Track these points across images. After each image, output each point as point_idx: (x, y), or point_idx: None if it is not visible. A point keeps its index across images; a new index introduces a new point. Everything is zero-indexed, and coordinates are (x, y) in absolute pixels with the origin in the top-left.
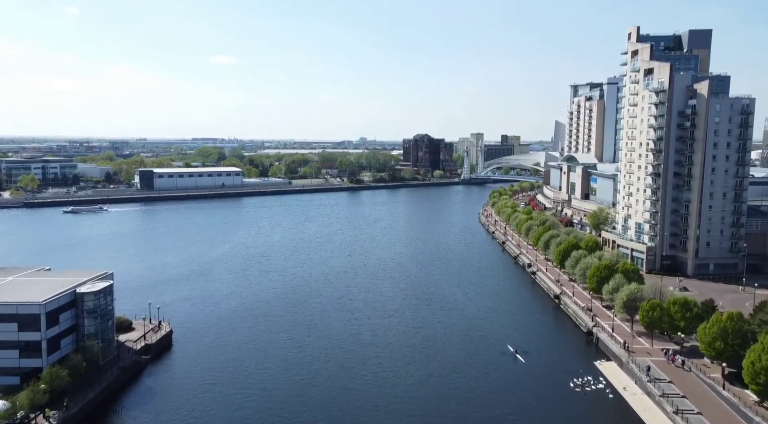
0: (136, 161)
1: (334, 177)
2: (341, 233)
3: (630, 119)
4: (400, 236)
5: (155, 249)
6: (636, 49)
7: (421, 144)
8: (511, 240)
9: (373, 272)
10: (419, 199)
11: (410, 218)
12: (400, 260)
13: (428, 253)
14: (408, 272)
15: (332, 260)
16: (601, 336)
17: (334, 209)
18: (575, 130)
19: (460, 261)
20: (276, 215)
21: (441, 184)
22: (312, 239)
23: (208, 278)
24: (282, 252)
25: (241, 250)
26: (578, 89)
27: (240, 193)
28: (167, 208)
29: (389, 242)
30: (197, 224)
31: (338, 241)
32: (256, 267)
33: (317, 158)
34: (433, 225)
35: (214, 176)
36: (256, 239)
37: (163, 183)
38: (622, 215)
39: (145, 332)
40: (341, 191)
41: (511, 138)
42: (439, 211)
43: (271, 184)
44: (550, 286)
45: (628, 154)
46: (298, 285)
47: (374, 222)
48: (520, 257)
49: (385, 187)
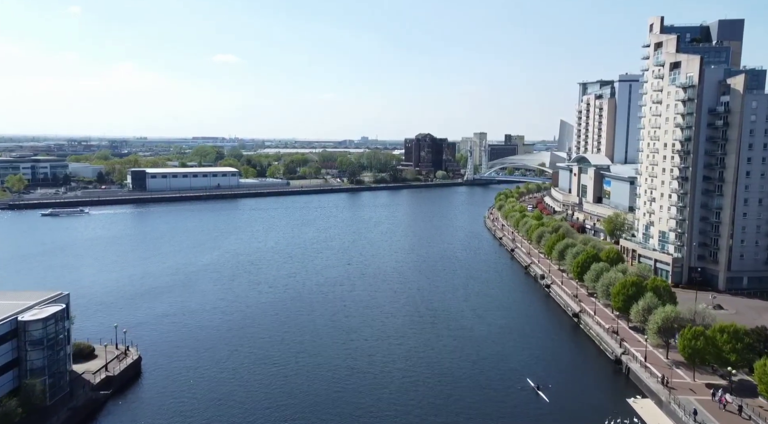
0: (130, 161)
1: (334, 177)
2: (339, 238)
3: (653, 118)
4: (401, 242)
5: (137, 256)
6: (660, 41)
7: (423, 144)
8: (520, 247)
9: (372, 283)
10: (421, 201)
11: (412, 222)
12: (401, 270)
13: (432, 261)
14: (410, 284)
15: (328, 269)
16: (632, 367)
17: (333, 212)
18: (584, 130)
19: (467, 271)
20: (272, 217)
21: (444, 185)
22: (308, 244)
23: (190, 290)
24: (275, 260)
25: (231, 257)
26: (587, 87)
27: (236, 195)
28: (159, 210)
29: (390, 248)
30: (187, 228)
31: (336, 247)
32: (245, 277)
33: (317, 158)
34: (436, 229)
35: (209, 177)
36: (249, 244)
37: (155, 184)
38: (643, 222)
39: (107, 362)
40: (341, 192)
41: (514, 138)
42: (442, 214)
43: (268, 185)
44: (568, 302)
45: (650, 156)
46: (289, 299)
47: (374, 226)
48: (531, 267)
49: (386, 188)
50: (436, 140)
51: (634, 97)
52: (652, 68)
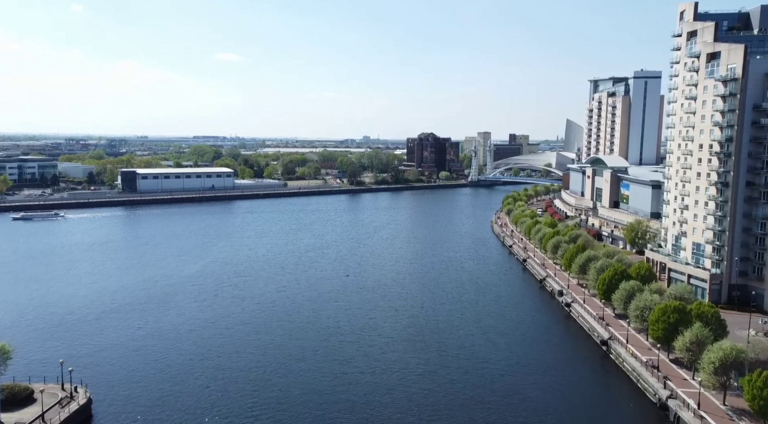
0: (122, 161)
1: (334, 178)
2: (336, 246)
3: (685, 116)
4: (403, 250)
5: (114, 267)
6: (693, 29)
7: (426, 143)
8: (533, 258)
9: (370, 300)
10: (424, 204)
11: (415, 227)
12: (403, 282)
13: (436, 272)
14: (413, 300)
15: (323, 282)
16: (683, 415)
17: (332, 215)
18: (595, 130)
19: (475, 284)
20: (266, 221)
21: (447, 186)
22: (302, 253)
23: (165, 308)
24: (264, 271)
25: (218, 267)
26: (599, 84)
27: (230, 197)
28: (149, 213)
29: (391, 257)
30: (176, 233)
31: (332, 256)
32: (230, 292)
33: (317, 158)
34: (440, 236)
35: (203, 178)
36: (238, 252)
37: (146, 185)
38: (673, 232)
39: (44, 411)
40: (340, 194)
41: (519, 137)
42: (446, 218)
43: (264, 186)
44: (593, 326)
45: (682, 159)
46: (276, 318)
47: (375, 231)
48: (547, 280)
49: (388, 190)
50: (439, 140)
51: (650, 94)
52: (684, 60)
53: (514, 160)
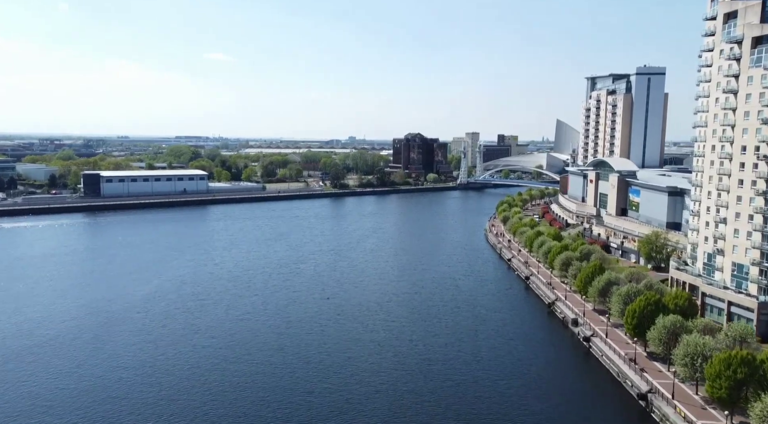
0: (89, 162)
1: (317, 180)
2: (314, 260)
3: (722, 113)
4: (389, 264)
5: (50, 289)
6: (733, 9)
7: (413, 144)
8: (537, 275)
9: (349, 330)
10: (412, 209)
11: (402, 236)
12: (389, 307)
13: (427, 292)
14: (400, 331)
15: (294, 307)
16: None
17: (312, 222)
18: (593, 130)
19: (472, 308)
20: (239, 230)
21: (435, 189)
22: (276, 268)
23: (98, 345)
24: (228, 292)
25: (174, 288)
26: (597, 82)
27: (204, 201)
28: (112, 220)
29: (375, 273)
30: (135, 244)
31: (309, 272)
32: (181, 320)
33: (300, 159)
34: (430, 246)
35: (173, 180)
36: (201, 268)
37: (111, 188)
38: (705, 249)
39: None
40: (323, 198)
41: (508, 138)
42: (435, 225)
43: (241, 189)
44: (625, 371)
45: (717, 164)
46: (232, 359)
47: (358, 242)
48: (557, 305)
49: (373, 193)
50: (427, 140)
51: (653, 92)
52: (720, 47)
53: (503, 162)
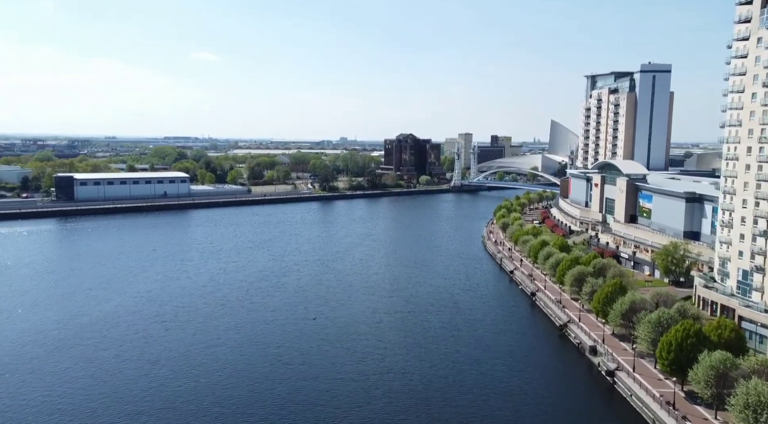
0: (65, 164)
1: (305, 183)
2: (298, 272)
3: (761, 110)
4: (380, 277)
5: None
6: None
7: (405, 145)
8: (544, 290)
9: (333, 361)
10: (404, 214)
11: (394, 244)
12: (380, 331)
13: (422, 311)
14: (393, 360)
15: (272, 329)
16: None
17: (298, 228)
18: (594, 131)
19: (474, 331)
20: (221, 236)
21: (428, 191)
22: (254, 282)
23: (30, 385)
24: (199, 312)
25: (138, 307)
26: (597, 80)
27: (185, 205)
28: (84, 226)
29: (365, 287)
30: (103, 255)
31: (291, 286)
32: (140, 349)
33: (288, 160)
34: (424, 256)
35: (153, 183)
36: (172, 282)
37: (85, 192)
38: (739, 265)
39: None
40: (311, 201)
41: (501, 139)
42: (429, 232)
43: (225, 192)
44: (663, 419)
45: (755, 168)
46: (194, 398)
47: (347, 251)
48: (570, 328)
49: (364, 196)
50: (419, 141)
51: (658, 90)
52: (758, 34)
53: (498, 163)
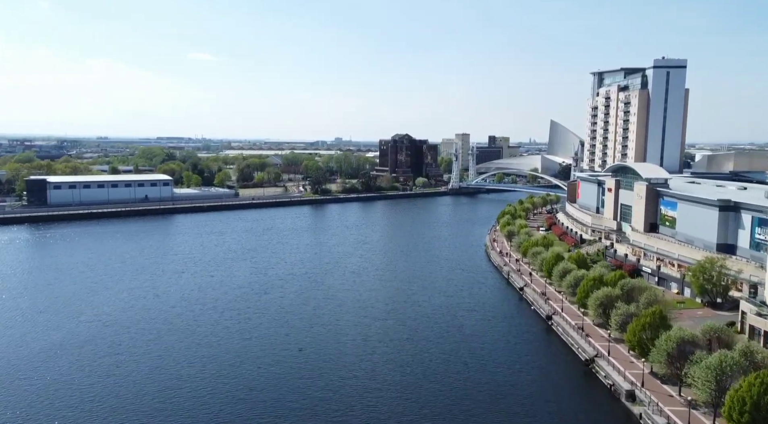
0: (42, 165)
1: (297, 185)
2: (283, 288)
3: None
4: (375, 294)
5: None
6: None
7: (400, 146)
8: (563, 313)
9: (317, 409)
10: (400, 219)
11: (390, 254)
12: (373, 365)
13: (422, 338)
14: (389, 413)
15: (242, 369)
16: None
17: (286, 236)
18: (602, 131)
19: (481, 364)
20: (200, 246)
21: (425, 194)
22: (231, 301)
23: None
24: (160, 341)
25: (90, 335)
26: (605, 77)
27: (169, 210)
28: (54, 234)
29: (357, 307)
30: (62, 268)
31: (272, 308)
32: (83, 391)
33: (281, 161)
34: (423, 268)
35: (133, 186)
36: (137, 303)
37: (60, 196)
38: None
39: None
40: (302, 205)
41: (499, 139)
42: (427, 239)
43: (211, 196)
44: None
45: None
46: None
47: (338, 262)
48: (599, 364)
49: (358, 200)
50: (416, 142)
51: (672, 87)
52: None
53: (496, 164)
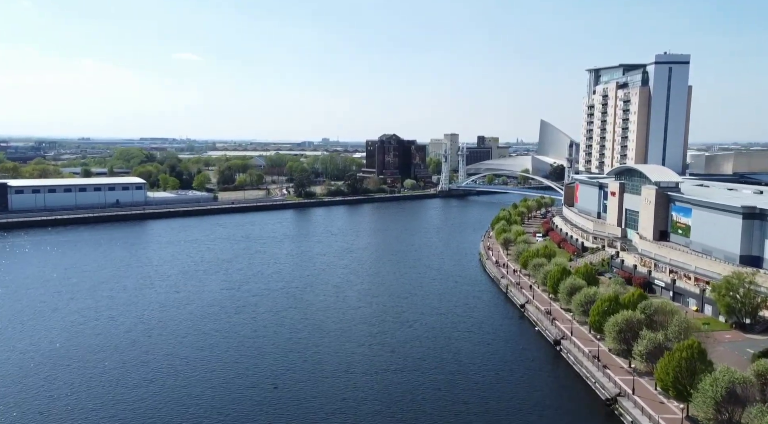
0: (7, 168)
1: (280, 187)
2: (256, 307)
3: None
4: (360, 313)
5: None
6: None
7: (388, 146)
8: (571, 335)
9: None
10: (388, 224)
11: (377, 263)
12: (356, 411)
13: (412, 369)
14: None
15: (201, 416)
16: None
17: (265, 245)
18: (599, 130)
19: (483, 402)
20: (171, 256)
21: (414, 197)
22: (196, 323)
23: None
24: (103, 377)
25: (23, 370)
26: (601, 74)
27: (141, 216)
28: (12, 243)
29: (339, 331)
30: (12, 286)
31: (243, 332)
32: None
33: (264, 162)
34: (413, 281)
35: (103, 190)
36: (84, 328)
37: (22, 201)
38: None
39: None
40: (285, 209)
41: (488, 140)
42: (417, 246)
43: (187, 200)
44: None
45: None
46: None
47: (320, 274)
48: (623, 406)
49: (344, 203)
50: (404, 142)
51: (675, 84)
52: None
53: (486, 165)
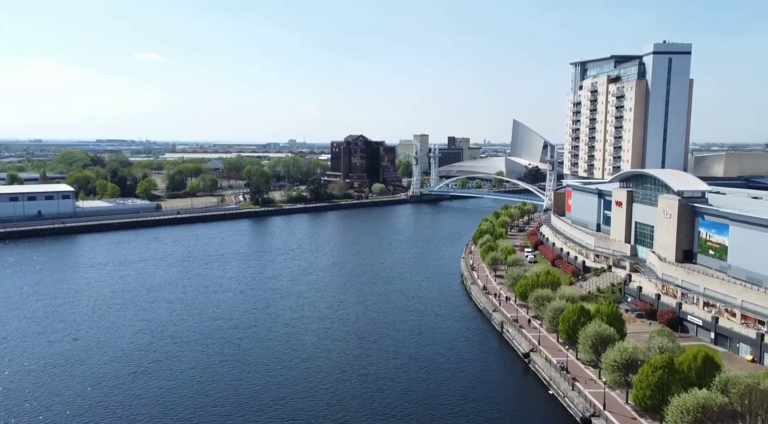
0: None
1: (236, 194)
2: (171, 363)
3: None
4: (316, 373)
5: None
6: None
7: (354, 148)
8: (603, 410)
9: None
10: (355, 236)
11: (339, 290)
12: None
13: None
14: None
15: None
16: None
17: (208, 266)
18: (587, 129)
19: None
20: (86, 283)
21: (383, 203)
22: (98, 383)
23: None
24: None
25: None
26: (588, 68)
27: (68, 229)
28: None
29: (278, 398)
30: None
31: (154, 402)
32: None
33: (222, 166)
34: (384, 315)
35: (22, 200)
36: None
37: None
38: None
39: None
40: (240, 219)
41: (459, 141)
42: (389, 265)
43: (124, 211)
44: None
45: None
46: None
47: (267, 307)
48: None
49: (306, 210)
50: (372, 143)
51: (675, 77)
52: None
53: (458, 167)
